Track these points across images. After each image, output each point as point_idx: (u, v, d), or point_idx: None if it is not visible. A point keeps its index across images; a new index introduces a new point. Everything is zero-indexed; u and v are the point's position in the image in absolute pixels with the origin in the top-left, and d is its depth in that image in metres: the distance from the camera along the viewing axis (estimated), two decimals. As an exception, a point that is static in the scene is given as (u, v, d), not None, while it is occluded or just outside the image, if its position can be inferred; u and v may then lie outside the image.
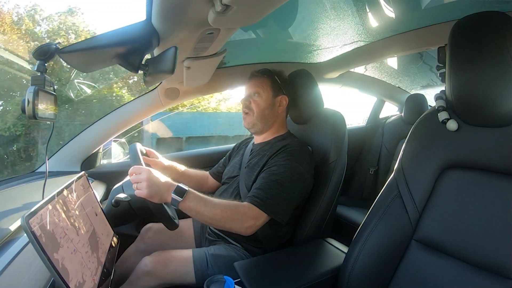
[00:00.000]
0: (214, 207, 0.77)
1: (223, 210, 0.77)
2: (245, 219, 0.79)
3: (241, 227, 0.79)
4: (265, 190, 0.83)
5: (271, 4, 0.52)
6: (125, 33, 0.62)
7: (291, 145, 0.93)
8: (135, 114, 1.25)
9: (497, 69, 0.55)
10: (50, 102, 0.68)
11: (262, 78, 1.02)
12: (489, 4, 0.90)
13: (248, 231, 0.80)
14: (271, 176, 0.86)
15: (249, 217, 0.80)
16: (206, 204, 0.77)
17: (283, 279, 0.76)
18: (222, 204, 0.79)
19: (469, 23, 0.59)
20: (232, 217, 0.78)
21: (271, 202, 0.81)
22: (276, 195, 0.83)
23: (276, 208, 0.82)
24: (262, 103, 1.00)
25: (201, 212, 0.76)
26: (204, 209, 0.76)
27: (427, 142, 0.70)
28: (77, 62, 0.65)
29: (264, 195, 0.82)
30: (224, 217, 0.77)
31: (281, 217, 0.84)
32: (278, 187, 0.84)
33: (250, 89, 1.02)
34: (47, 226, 0.46)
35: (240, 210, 0.80)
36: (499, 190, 0.58)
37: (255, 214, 0.80)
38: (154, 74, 0.67)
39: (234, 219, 0.79)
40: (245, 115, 1.03)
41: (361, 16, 1.01)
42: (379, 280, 0.70)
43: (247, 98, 1.02)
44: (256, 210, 0.80)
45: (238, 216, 0.79)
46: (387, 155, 1.85)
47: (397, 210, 0.70)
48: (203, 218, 0.77)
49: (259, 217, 0.81)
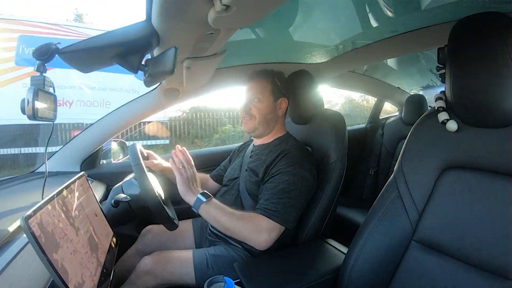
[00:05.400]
0: (231, 215, 0.81)
1: (239, 220, 0.81)
2: (259, 230, 0.80)
3: (255, 240, 0.81)
4: (274, 201, 0.84)
5: (271, 5, 0.52)
6: (125, 33, 0.62)
7: (290, 150, 0.92)
8: (134, 114, 1.25)
9: (497, 70, 0.55)
10: (49, 102, 0.68)
11: (262, 81, 1.00)
12: (489, 4, 0.90)
13: (263, 244, 0.81)
14: (278, 186, 0.86)
15: (264, 229, 0.81)
16: (225, 212, 0.81)
17: (283, 280, 0.76)
18: (238, 214, 0.82)
19: (469, 23, 0.59)
20: (247, 227, 0.80)
21: (281, 212, 0.82)
22: (285, 203, 0.83)
23: (288, 216, 0.83)
24: (263, 108, 0.98)
25: (218, 218, 0.80)
26: (220, 216, 0.80)
27: (427, 142, 0.70)
28: (76, 62, 0.65)
29: (273, 206, 0.83)
30: (239, 227, 0.80)
31: (292, 225, 0.85)
32: (285, 195, 0.84)
33: (250, 93, 1.00)
34: (46, 227, 0.46)
35: (255, 221, 0.82)
36: (499, 190, 0.58)
37: (268, 225, 0.81)
38: (154, 74, 0.67)
39: (249, 231, 0.81)
40: (246, 120, 1.01)
41: (361, 16, 1.01)
42: (379, 281, 0.70)
43: (247, 103, 1.00)
44: (269, 222, 0.81)
45: (253, 227, 0.81)
46: (387, 155, 1.85)
47: (397, 211, 0.70)
48: (219, 224, 0.81)
49: (273, 228, 0.82)
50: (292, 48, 1.32)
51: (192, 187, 0.82)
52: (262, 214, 0.82)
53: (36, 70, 0.63)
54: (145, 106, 1.25)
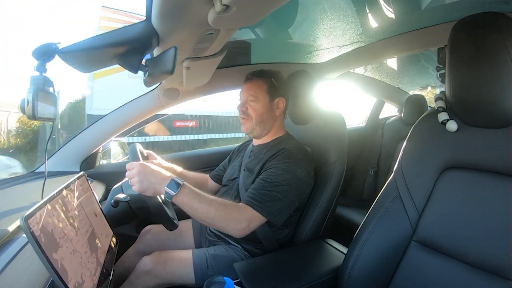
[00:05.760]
0: (209, 204, 0.74)
1: (218, 208, 0.75)
2: (239, 219, 0.77)
3: (233, 228, 0.77)
4: (261, 192, 0.82)
5: (271, 5, 0.52)
6: (124, 33, 0.62)
7: (288, 148, 0.92)
8: (134, 114, 1.25)
9: (497, 70, 0.55)
10: (49, 102, 0.68)
11: (257, 81, 1.00)
12: (489, 4, 0.90)
13: (240, 232, 0.78)
14: (268, 178, 0.85)
15: (244, 218, 0.78)
16: (201, 200, 0.74)
17: (282, 280, 0.76)
18: (217, 202, 0.76)
19: (469, 24, 0.59)
20: (226, 216, 0.76)
21: (267, 204, 0.80)
22: (272, 196, 0.81)
23: (272, 209, 0.81)
24: (259, 108, 0.98)
25: (195, 208, 0.73)
26: (198, 205, 0.73)
27: (426, 142, 0.70)
28: (76, 62, 0.65)
29: (259, 196, 0.81)
30: (217, 215, 0.75)
31: (276, 219, 0.82)
32: (274, 189, 0.82)
33: (246, 94, 1.00)
34: (46, 227, 0.46)
35: (235, 210, 0.78)
36: (499, 190, 0.58)
37: (250, 215, 0.79)
38: (153, 74, 0.67)
39: (227, 219, 0.76)
40: (243, 120, 1.01)
41: (361, 16, 1.01)
42: (379, 281, 0.70)
43: (243, 103, 1.00)
44: (251, 211, 0.79)
45: (233, 216, 0.77)
46: (387, 155, 1.85)
47: (397, 211, 0.70)
48: (196, 214, 0.74)
49: (254, 218, 0.79)
50: (292, 48, 1.33)
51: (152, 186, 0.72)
52: (246, 203, 0.80)
53: (36, 70, 0.63)
54: (145, 106, 1.25)
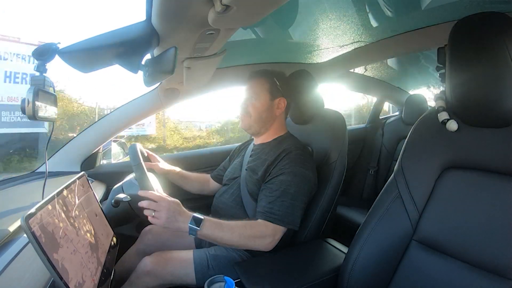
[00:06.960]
0: (231, 230, 0.79)
1: (241, 232, 0.79)
2: (263, 236, 0.81)
3: (260, 245, 0.82)
4: (277, 204, 0.84)
5: (271, 5, 0.52)
6: (125, 33, 0.62)
7: (291, 149, 0.92)
8: (134, 114, 1.25)
9: (497, 70, 0.55)
10: (50, 102, 0.68)
11: (260, 80, 1.01)
12: (489, 4, 0.90)
13: (268, 246, 0.82)
14: (281, 187, 0.86)
15: (267, 234, 0.82)
16: (223, 229, 0.78)
17: (283, 280, 0.76)
18: (238, 226, 0.80)
19: (469, 23, 0.59)
20: (250, 237, 0.80)
21: (285, 215, 0.83)
22: (288, 207, 0.84)
23: (291, 218, 0.84)
24: (259, 106, 0.99)
25: (220, 237, 0.78)
26: (222, 234, 0.78)
27: (427, 142, 0.70)
28: (76, 62, 0.65)
29: (277, 209, 0.83)
30: (242, 239, 0.79)
31: (296, 225, 0.86)
32: (288, 196, 0.85)
33: (248, 92, 1.02)
34: (47, 227, 0.46)
35: (256, 229, 0.82)
36: (499, 190, 0.58)
37: (272, 230, 0.82)
38: (154, 74, 0.67)
39: (253, 239, 0.81)
40: (243, 117, 1.03)
41: (361, 16, 1.01)
42: (379, 281, 0.70)
43: (245, 101, 1.02)
44: (272, 226, 0.82)
45: (256, 235, 0.81)
46: (387, 155, 1.86)
47: (397, 211, 0.70)
48: (222, 242, 0.79)
49: (277, 231, 0.83)
50: (292, 48, 1.33)
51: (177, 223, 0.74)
52: (266, 219, 0.83)
53: (36, 70, 0.63)
54: (145, 105, 1.25)
